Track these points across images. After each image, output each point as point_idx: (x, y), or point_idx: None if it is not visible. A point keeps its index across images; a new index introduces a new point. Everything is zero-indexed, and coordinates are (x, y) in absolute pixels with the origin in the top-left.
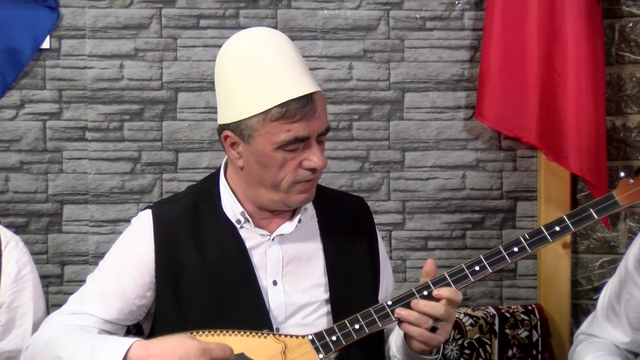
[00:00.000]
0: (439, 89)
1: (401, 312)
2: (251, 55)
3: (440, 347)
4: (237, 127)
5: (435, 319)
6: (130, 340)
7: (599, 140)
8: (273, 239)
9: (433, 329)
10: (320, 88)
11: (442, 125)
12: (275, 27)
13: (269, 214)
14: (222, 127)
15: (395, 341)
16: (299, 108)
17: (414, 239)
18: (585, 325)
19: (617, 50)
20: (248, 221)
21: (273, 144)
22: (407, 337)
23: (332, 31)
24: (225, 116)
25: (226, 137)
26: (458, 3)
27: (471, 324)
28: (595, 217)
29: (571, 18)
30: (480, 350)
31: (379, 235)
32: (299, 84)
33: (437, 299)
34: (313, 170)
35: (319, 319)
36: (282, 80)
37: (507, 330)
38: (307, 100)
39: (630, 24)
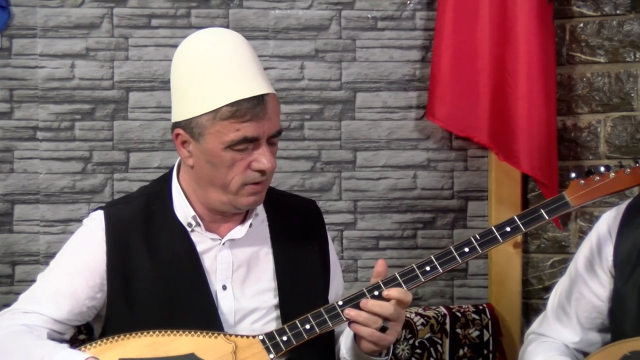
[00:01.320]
0: (390, 89)
1: (350, 312)
2: (205, 54)
3: (390, 347)
4: (188, 125)
5: (385, 319)
6: (83, 355)
7: (549, 140)
8: (224, 244)
9: (383, 329)
10: (274, 90)
11: (393, 125)
12: (227, 27)
13: (220, 217)
14: (174, 125)
15: (345, 342)
16: (249, 108)
17: (365, 238)
18: (535, 325)
19: (568, 51)
20: (199, 225)
21: (222, 143)
22: (357, 338)
23: (284, 31)
24: (177, 114)
25: (177, 134)
26: (409, 3)
27: (422, 324)
28: (546, 217)
29: (522, 18)
30: (432, 349)
31: (330, 238)
32: (252, 85)
33: (387, 299)
34: (262, 172)
35: (267, 324)
36: (234, 79)
37: (458, 330)
38: (258, 100)
39: (581, 25)
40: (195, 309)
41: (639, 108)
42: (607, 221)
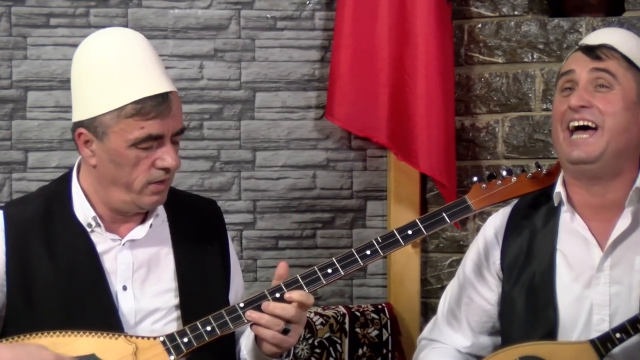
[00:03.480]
0: (289, 89)
1: (252, 314)
2: (107, 53)
3: (291, 349)
4: (91, 124)
5: (287, 322)
6: None
7: (448, 140)
8: (124, 244)
9: (285, 332)
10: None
11: (292, 125)
12: (126, 26)
13: (121, 217)
14: (76, 125)
15: (245, 343)
16: (154, 106)
17: (264, 238)
18: (427, 331)
19: (466, 51)
20: (99, 225)
21: (127, 142)
22: (258, 340)
23: (183, 30)
24: (79, 113)
25: (80, 134)
26: (309, 3)
27: (322, 323)
28: (448, 221)
29: (421, 19)
30: (331, 349)
31: (230, 238)
32: (155, 83)
33: (289, 302)
34: (166, 170)
35: (168, 325)
36: (137, 78)
37: (358, 329)
38: (162, 98)
39: (479, 25)
40: (95, 309)
41: (537, 108)
42: (494, 225)
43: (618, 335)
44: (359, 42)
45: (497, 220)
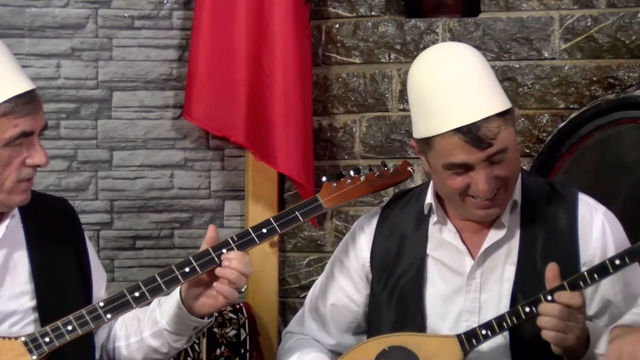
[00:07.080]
0: (147, 88)
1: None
2: None
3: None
4: None
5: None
6: None
7: (306, 140)
8: None
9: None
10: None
11: (150, 125)
12: None
13: None
14: None
15: (165, 312)
16: (25, 103)
17: (122, 238)
18: (293, 324)
19: (324, 51)
20: None
21: (0, 142)
22: (186, 302)
23: (40, 29)
24: None
25: None
26: (166, 2)
27: None
28: (301, 219)
29: (279, 18)
30: (189, 349)
31: (87, 235)
32: (21, 81)
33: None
34: (37, 167)
35: (26, 327)
36: (6, 76)
37: (216, 330)
38: (32, 96)
39: (337, 25)
40: None
41: (394, 109)
42: (363, 227)
43: (484, 332)
44: (216, 41)
45: (366, 223)
